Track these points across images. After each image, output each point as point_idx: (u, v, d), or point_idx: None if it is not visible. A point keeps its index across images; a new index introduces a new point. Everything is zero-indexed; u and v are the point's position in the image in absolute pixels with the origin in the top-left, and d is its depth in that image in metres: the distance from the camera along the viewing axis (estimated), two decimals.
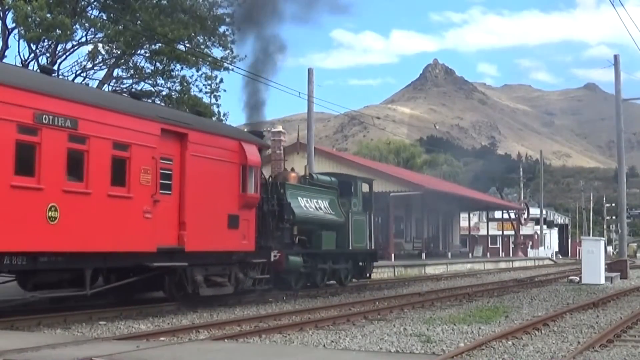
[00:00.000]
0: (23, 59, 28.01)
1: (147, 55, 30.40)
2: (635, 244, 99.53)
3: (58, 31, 25.34)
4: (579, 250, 42.10)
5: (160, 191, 14.87)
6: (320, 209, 22.35)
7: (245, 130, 20.50)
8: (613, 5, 25.67)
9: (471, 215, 64.62)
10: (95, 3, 29.78)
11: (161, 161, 14.95)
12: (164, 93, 31.01)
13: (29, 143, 12.19)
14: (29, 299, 12.94)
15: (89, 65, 29.53)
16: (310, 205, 21.75)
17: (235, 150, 17.27)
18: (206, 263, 16.50)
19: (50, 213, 12.42)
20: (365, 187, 25.84)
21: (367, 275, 25.70)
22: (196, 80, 31.54)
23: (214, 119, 28.10)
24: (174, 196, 15.36)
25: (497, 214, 69.07)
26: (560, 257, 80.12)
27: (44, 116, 12.39)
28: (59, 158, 12.70)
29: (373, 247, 25.64)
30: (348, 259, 24.11)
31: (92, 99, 14.05)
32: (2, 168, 11.72)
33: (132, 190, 14.21)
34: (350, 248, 23.76)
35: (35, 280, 13.07)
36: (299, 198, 21.11)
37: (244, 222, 17.45)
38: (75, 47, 29.44)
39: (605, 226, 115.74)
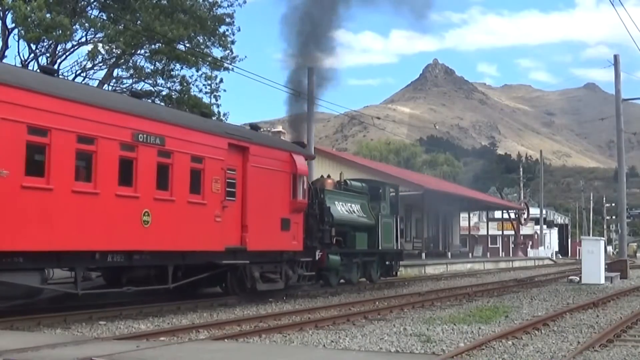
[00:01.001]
0: (23, 59, 28.04)
1: (147, 55, 30.41)
2: (635, 244, 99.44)
3: (58, 31, 25.34)
4: (579, 250, 42.08)
5: (227, 198, 16.97)
6: (354, 212, 24.43)
7: (289, 140, 23.18)
8: (613, 5, 25.71)
9: (471, 215, 64.61)
10: (95, 3, 29.79)
11: (227, 171, 17.07)
12: (164, 93, 31.03)
13: (128, 158, 14.16)
14: (124, 291, 14.89)
15: (89, 65, 29.54)
16: (345, 209, 23.83)
17: (287, 161, 19.43)
18: (263, 261, 18.49)
19: (144, 217, 14.46)
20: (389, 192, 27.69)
21: (394, 273, 27.77)
22: (196, 80, 31.57)
23: (214, 119, 28.12)
24: (237, 202, 17.40)
25: (497, 214, 69.06)
26: (560, 257, 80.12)
27: (139, 135, 14.42)
28: (151, 170, 14.77)
29: (399, 247, 27.92)
30: (378, 258, 26.16)
31: (175, 119, 16.13)
32: (109, 180, 13.73)
33: (206, 197, 16.27)
34: (380, 248, 25.73)
35: (129, 276, 15.02)
36: (336, 202, 23.06)
37: (294, 225, 19.59)
38: (75, 47, 29.47)
39: (605, 226, 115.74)
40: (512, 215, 67.88)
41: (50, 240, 12.53)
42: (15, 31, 27.15)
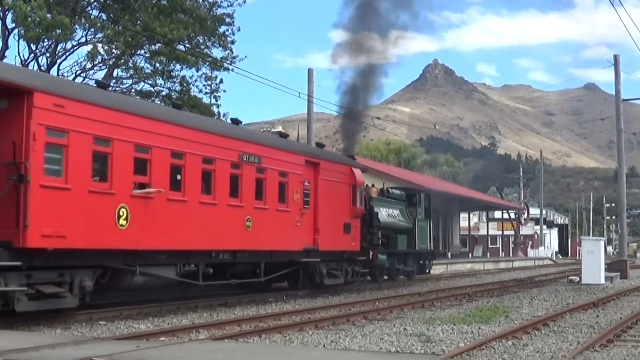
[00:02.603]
0: (23, 59, 28.01)
1: (146, 55, 30.37)
2: (635, 244, 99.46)
3: (58, 31, 25.32)
4: (579, 250, 42.07)
5: (304, 206, 20.13)
6: (395, 216, 27.70)
7: (340, 153, 26.62)
8: (613, 5, 25.68)
9: (471, 215, 64.61)
10: (95, 3, 29.77)
11: (304, 184, 20.24)
12: (163, 93, 31.00)
13: (236, 175, 17.28)
14: (231, 283, 17.98)
15: (89, 65, 29.52)
16: (388, 214, 26.96)
17: (348, 174, 22.61)
18: (329, 259, 21.58)
19: (247, 223, 17.56)
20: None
21: (427, 271, 31.50)
22: (196, 80, 31.53)
23: (214, 118, 28.14)
24: (310, 209, 20.54)
25: (497, 214, 69.06)
26: (560, 257, 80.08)
27: (243, 156, 17.51)
28: (251, 184, 17.86)
29: (432, 248, 31.82)
30: (414, 257, 29.73)
31: (268, 142, 19.47)
32: (223, 193, 16.76)
33: (289, 205, 19.41)
34: (416, 248, 29.45)
35: (232, 271, 17.97)
36: (381, 208, 26.12)
37: (353, 228, 22.67)
38: (75, 47, 29.43)
39: (605, 226, 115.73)
40: (512, 215, 67.89)
41: (183, 241, 15.43)
42: (16, 31, 27.14)
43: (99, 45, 29.21)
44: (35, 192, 11.99)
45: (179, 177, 15.33)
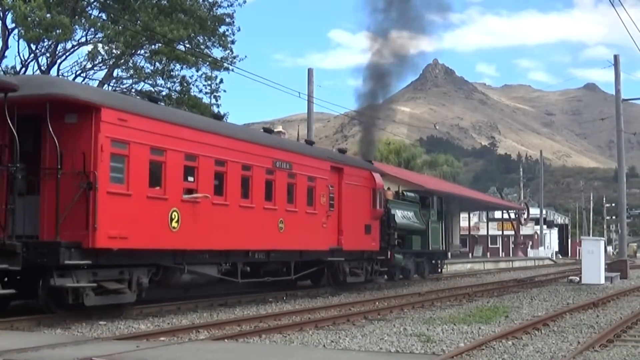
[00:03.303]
0: (23, 59, 28.02)
1: (147, 55, 30.36)
2: (635, 244, 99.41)
3: (58, 30, 25.32)
4: (579, 250, 42.05)
5: (330, 209, 21.51)
6: (409, 218, 29.15)
7: (352, 156, 28.07)
8: (612, 4, 25.66)
9: (471, 215, 64.56)
10: (95, 3, 29.76)
11: (329, 188, 21.61)
12: (163, 93, 30.98)
13: (270, 180, 18.62)
14: (265, 280, 19.39)
15: (89, 65, 29.51)
16: (403, 216, 28.31)
17: (368, 178, 24.08)
18: (351, 258, 22.85)
19: (280, 225, 18.82)
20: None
21: (440, 270, 33.10)
22: (196, 80, 31.52)
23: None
24: (335, 211, 21.91)
25: (497, 214, 69.00)
26: (560, 257, 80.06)
27: (277, 162, 18.85)
28: (284, 189, 19.20)
29: (444, 249, 33.66)
30: (427, 257, 31.25)
31: (298, 149, 21.03)
32: (259, 197, 18.12)
33: (316, 208, 20.79)
34: (430, 249, 30.95)
35: (265, 269, 19.39)
36: (396, 210, 27.33)
37: (373, 229, 24.08)
38: (75, 47, 29.44)
39: (605, 226, 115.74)
40: (512, 216, 67.84)
41: (224, 242, 16.77)
42: (16, 31, 27.13)
43: (99, 45, 29.23)
44: (102, 198, 13.26)
45: (220, 183, 16.72)
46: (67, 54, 29.33)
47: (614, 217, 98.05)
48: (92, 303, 13.40)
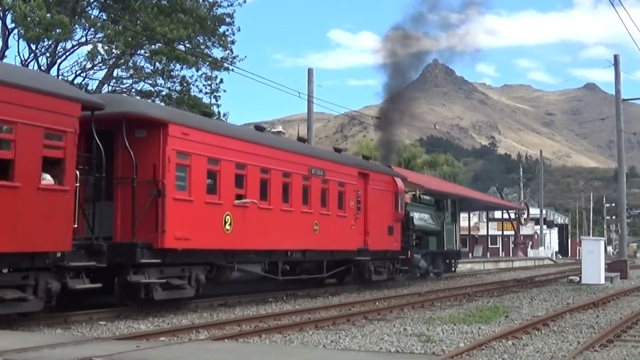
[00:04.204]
0: (23, 59, 28.00)
1: (146, 55, 30.36)
2: (635, 244, 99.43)
3: (58, 30, 25.30)
4: (579, 250, 42.04)
5: (357, 212, 23.07)
6: (425, 220, 30.87)
7: (376, 162, 29.72)
8: (612, 4, 25.68)
9: (471, 215, 64.49)
10: (95, 3, 29.75)
11: (357, 192, 23.16)
12: (163, 93, 30.98)
13: (306, 186, 20.33)
14: (302, 278, 21.28)
15: (89, 65, 29.51)
16: (420, 217, 29.98)
17: (391, 182, 25.74)
18: (376, 258, 24.40)
19: (315, 227, 20.59)
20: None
21: (453, 269, 34.76)
22: (196, 80, 31.52)
23: (214, 119, 28.17)
24: (362, 214, 23.42)
25: (497, 214, 68.93)
26: (560, 257, 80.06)
27: (312, 169, 20.62)
28: (318, 193, 20.95)
29: (458, 249, 35.63)
30: (443, 256, 32.98)
31: (330, 157, 22.80)
32: (297, 201, 19.75)
33: (346, 211, 22.45)
34: (444, 249, 32.68)
35: (301, 267, 21.03)
36: (414, 213, 28.94)
37: (395, 230, 25.77)
38: (75, 47, 29.43)
39: (605, 226, 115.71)
40: (512, 216, 67.79)
41: (267, 242, 18.43)
42: (15, 31, 27.12)
43: (99, 45, 29.22)
44: (170, 204, 14.91)
45: (265, 189, 18.40)
46: (67, 53, 29.34)
47: (614, 217, 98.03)
48: (160, 297, 14.96)
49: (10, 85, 11.77)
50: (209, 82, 31.69)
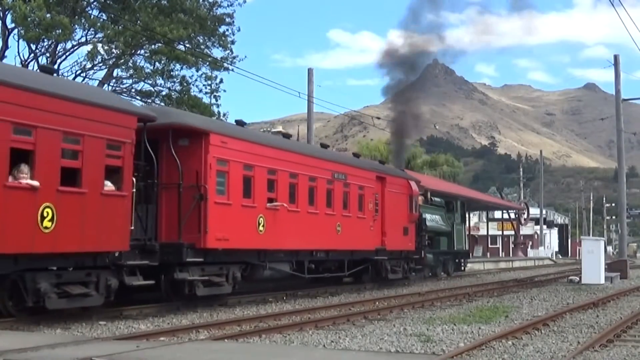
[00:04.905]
0: (23, 59, 28.00)
1: (146, 55, 30.36)
2: (635, 244, 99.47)
3: (58, 30, 25.30)
4: (579, 250, 42.05)
5: (375, 213, 24.34)
6: (437, 221, 32.24)
7: (391, 166, 30.60)
8: (612, 4, 25.69)
9: (471, 215, 64.41)
10: (95, 3, 29.75)
11: (375, 195, 24.40)
12: (163, 93, 30.98)
13: (330, 189, 21.65)
14: (325, 276, 22.34)
15: (89, 65, 29.50)
16: (431, 219, 31.29)
17: (406, 186, 27.04)
18: (392, 257, 25.65)
19: (337, 228, 21.86)
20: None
21: (463, 268, 36.46)
22: (196, 80, 31.51)
23: (213, 118, 28.17)
24: (379, 216, 24.70)
25: (497, 214, 68.94)
26: (560, 257, 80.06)
27: (335, 174, 21.91)
28: (340, 197, 22.19)
29: (467, 249, 37.49)
30: (453, 256, 34.53)
31: (350, 162, 24.10)
32: (322, 204, 21.02)
33: (365, 213, 23.66)
34: (455, 249, 34.37)
35: (324, 266, 22.31)
36: (426, 214, 30.15)
37: (410, 231, 27.04)
38: (75, 47, 29.43)
39: (605, 226, 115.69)
40: (512, 216, 67.80)
41: (295, 243, 19.70)
42: (15, 31, 27.12)
43: (99, 45, 29.21)
44: (211, 207, 16.10)
45: (294, 192, 19.65)
46: (67, 54, 29.36)
47: (614, 217, 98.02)
48: (202, 293, 16.19)
49: (79, 101, 13.10)
50: (209, 82, 31.71)
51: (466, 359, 9.95)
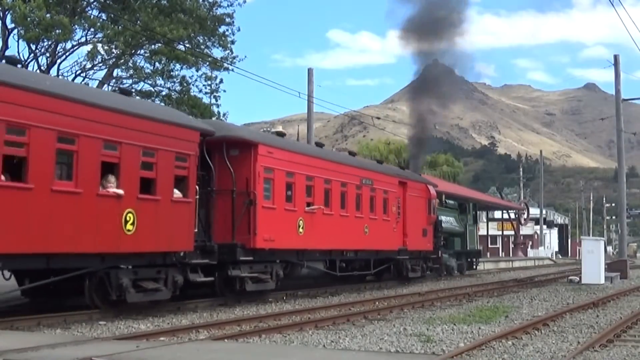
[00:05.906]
0: (23, 59, 27.95)
1: (146, 55, 30.34)
2: (635, 244, 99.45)
3: (57, 30, 25.28)
4: (579, 250, 42.04)
5: (398, 216, 26.21)
6: (451, 223, 34.23)
7: (410, 171, 31.45)
8: (612, 4, 25.70)
9: None
10: (94, 3, 29.73)
11: (398, 199, 26.26)
12: (163, 93, 30.96)
13: (359, 194, 23.34)
14: (354, 274, 24.09)
15: (89, 65, 29.48)
16: (446, 220, 33.20)
17: (424, 190, 28.97)
18: (412, 257, 27.42)
19: (365, 229, 23.50)
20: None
21: (475, 267, 38.59)
22: (196, 80, 31.48)
23: (213, 119, 28.17)
24: (401, 218, 26.60)
25: (497, 214, 68.93)
26: (560, 257, 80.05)
27: (363, 179, 23.62)
28: (367, 200, 23.89)
29: (478, 248, 39.57)
30: (466, 256, 36.56)
31: (377, 168, 26.02)
32: (351, 207, 22.79)
33: (389, 215, 25.51)
34: (467, 249, 36.58)
35: (352, 265, 24.09)
36: (441, 216, 31.85)
37: (428, 233, 29.01)
38: (75, 47, 29.40)
39: (605, 226, 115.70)
40: (512, 215, 67.78)
41: (329, 243, 21.40)
42: (15, 31, 27.10)
43: (99, 45, 29.19)
44: (260, 211, 17.91)
45: (327, 196, 21.37)
46: (66, 54, 29.32)
47: (614, 217, 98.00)
48: (251, 289, 17.81)
49: (154, 120, 14.97)
50: (209, 82, 31.68)
51: (466, 359, 9.95)
